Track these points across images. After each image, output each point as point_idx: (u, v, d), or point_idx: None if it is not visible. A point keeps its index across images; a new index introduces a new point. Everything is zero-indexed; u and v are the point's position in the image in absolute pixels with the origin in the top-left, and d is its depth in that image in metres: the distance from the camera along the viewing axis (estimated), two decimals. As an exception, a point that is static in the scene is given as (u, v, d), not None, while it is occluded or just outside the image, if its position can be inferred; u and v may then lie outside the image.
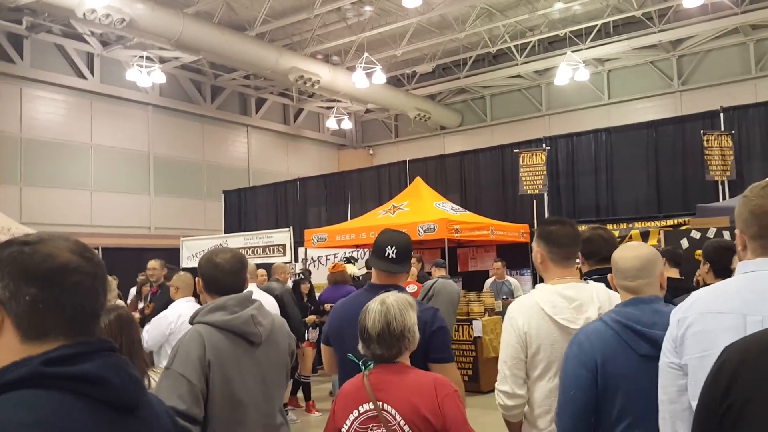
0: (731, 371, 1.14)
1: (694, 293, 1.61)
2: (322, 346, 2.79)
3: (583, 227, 3.30)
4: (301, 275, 8.52)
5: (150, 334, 4.30)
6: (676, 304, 1.72)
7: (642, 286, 2.06)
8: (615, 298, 2.31)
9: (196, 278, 2.54)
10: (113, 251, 13.48)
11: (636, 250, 2.14)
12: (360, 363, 2.15)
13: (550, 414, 2.28)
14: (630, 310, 2.02)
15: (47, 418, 0.89)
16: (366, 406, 2.09)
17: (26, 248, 1.03)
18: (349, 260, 9.85)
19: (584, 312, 2.32)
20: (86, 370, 0.96)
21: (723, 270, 3.22)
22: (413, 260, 4.93)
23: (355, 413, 2.11)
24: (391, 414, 2.04)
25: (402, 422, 2.03)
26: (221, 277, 2.38)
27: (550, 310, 2.34)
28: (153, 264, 7.02)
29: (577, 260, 2.69)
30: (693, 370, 1.49)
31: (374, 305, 2.15)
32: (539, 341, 2.34)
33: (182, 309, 4.27)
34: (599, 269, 2.76)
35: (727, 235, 6.02)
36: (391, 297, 2.18)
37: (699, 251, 4.55)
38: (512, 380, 2.36)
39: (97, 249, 12.35)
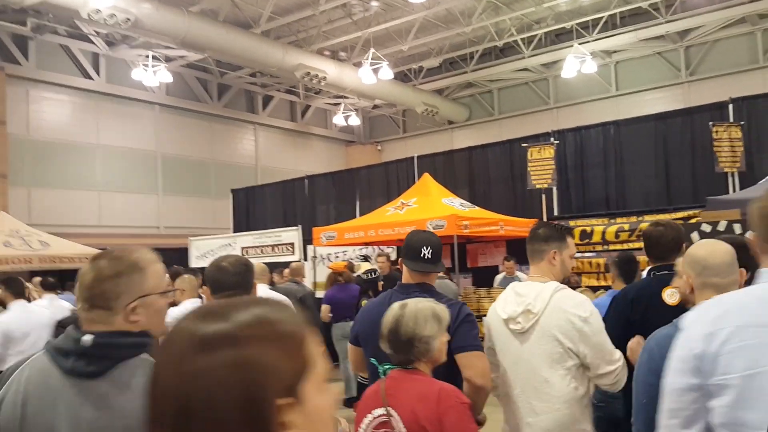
0: None
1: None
2: (349, 345, 2.83)
3: (680, 214, 3.87)
4: (372, 273, 7.54)
5: None
6: None
7: (732, 283, 1.95)
8: (559, 299, 2.49)
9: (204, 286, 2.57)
10: (122, 251, 13.56)
11: (722, 245, 2.01)
12: (379, 366, 2.15)
13: (500, 397, 2.69)
14: None
15: None
16: (379, 411, 2.09)
17: None
18: (366, 258, 9.83)
19: (518, 306, 2.55)
20: None
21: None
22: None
23: (370, 417, 2.11)
24: (396, 420, 2.03)
25: (404, 430, 2.01)
26: (225, 279, 2.43)
27: (499, 304, 2.66)
28: None
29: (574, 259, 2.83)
30: (738, 390, 1.31)
31: (396, 306, 2.20)
32: (490, 331, 2.71)
33: (188, 310, 4.31)
34: (664, 266, 2.88)
35: (738, 228, 5.94)
36: (413, 304, 2.18)
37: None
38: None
39: (105, 249, 12.43)
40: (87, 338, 1.51)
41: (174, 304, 5.07)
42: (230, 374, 0.72)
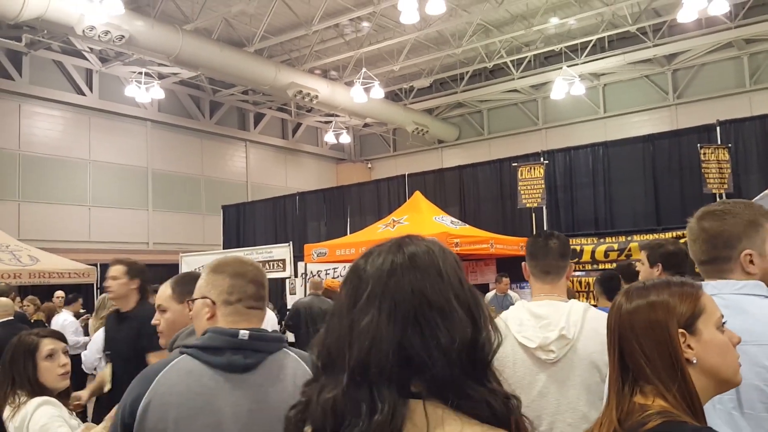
0: None
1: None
2: None
3: (668, 235, 3.52)
4: None
5: None
6: None
7: None
8: (593, 319, 2.21)
9: None
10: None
11: None
12: None
13: None
14: None
15: None
16: None
17: None
18: None
19: (548, 331, 2.23)
20: None
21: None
22: None
23: None
24: None
25: None
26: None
27: (514, 328, 2.27)
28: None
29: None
30: None
31: None
32: (503, 360, 2.24)
33: None
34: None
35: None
36: None
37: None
38: None
39: (95, 265, 12.31)
40: (244, 332, 1.60)
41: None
42: (648, 311, 1.27)
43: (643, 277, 2.95)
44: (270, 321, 6.44)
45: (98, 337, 4.17)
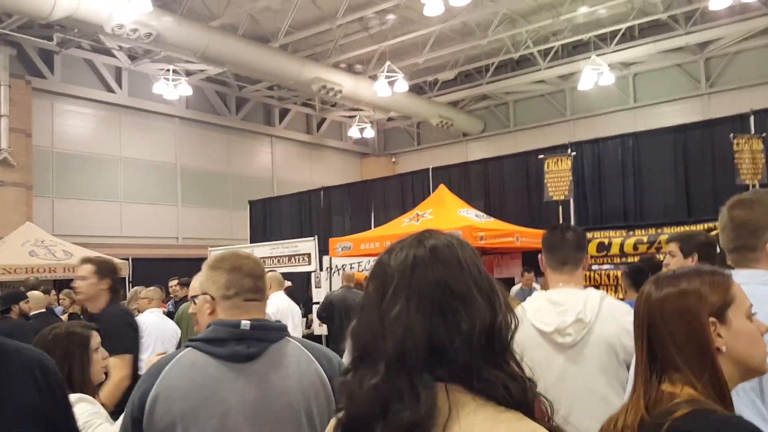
0: None
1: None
2: None
3: (700, 227, 3.56)
4: None
5: None
6: None
7: None
8: (610, 306, 2.28)
9: None
10: (142, 261, 13.72)
11: None
12: None
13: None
14: None
15: None
16: None
17: None
18: None
19: (564, 316, 2.29)
20: None
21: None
22: None
23: None
24: None
25: None
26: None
27: (531, 315, 2.34)
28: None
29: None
30: None
31: None
32: (522, 346, 2.28)
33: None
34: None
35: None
36: None
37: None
38: None
39: (127, 260, 12.57)
40: (246, 323, 1.65)
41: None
42: (678, 299, 1.26)
43: (676, 268, 2.91)
44: (293, 313, 6.47)
45: None
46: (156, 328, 5.48)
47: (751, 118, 9.35)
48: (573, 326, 2.26)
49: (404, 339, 1.01)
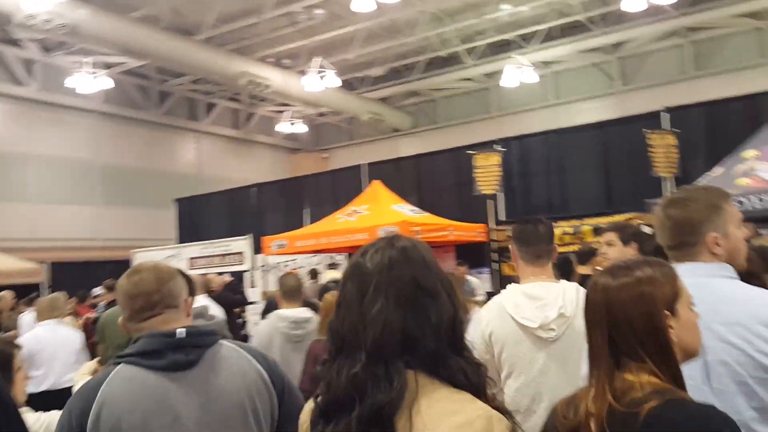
0: None
1: None
2: None
3: (619, 217, 3.73)
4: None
5: None
6: None
7: None
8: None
9: None
10: (62, 266, 12.97)
11: None
12: None
13: (519, 414, 2.26)
14: None
15: None
16: None
17: None
18: (332, 266, 9.73)
19: (546, 311, 2.32)
20: None
21: None
22: None
23: None
24: None
25: None
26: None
27: (511, 310, 2.37)
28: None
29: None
30: None
31: None
32: (503, 341, 2.37)
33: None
34: None
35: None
36: None
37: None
38: None
39: (42, 264, 11.85)
40: (182, 330, 1.64)
41: None
42: (635, 287, 1.30)
43: (616, 256, 3.05)
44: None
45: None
46: (49, 344, 4.99)
47: (663, 115, 9.94)
48: (556, 321, 2.31)
49: (383, 331, 1.14)
